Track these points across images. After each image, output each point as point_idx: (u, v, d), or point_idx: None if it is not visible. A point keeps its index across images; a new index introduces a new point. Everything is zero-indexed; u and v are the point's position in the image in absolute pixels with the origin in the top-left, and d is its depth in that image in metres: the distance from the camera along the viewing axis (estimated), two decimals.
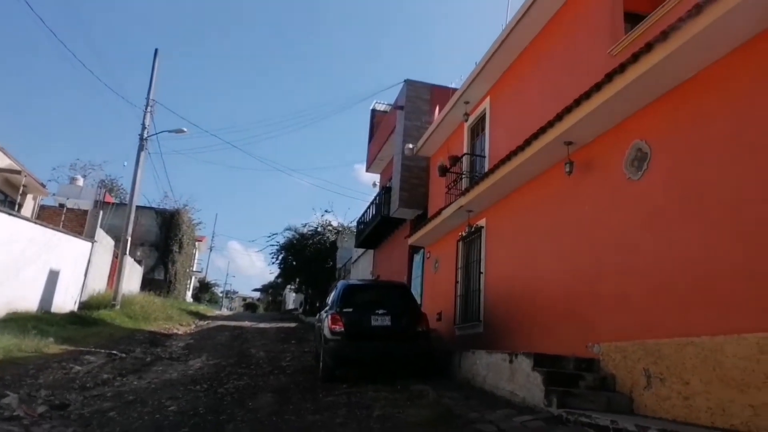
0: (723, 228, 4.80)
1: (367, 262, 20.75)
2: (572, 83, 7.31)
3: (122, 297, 18.13)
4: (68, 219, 19.68)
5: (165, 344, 12.86)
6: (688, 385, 4.93)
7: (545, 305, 7.62)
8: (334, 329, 8.01)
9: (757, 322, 4.30)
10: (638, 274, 5.80)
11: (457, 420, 5.47)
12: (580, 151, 7.07)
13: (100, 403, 5.84)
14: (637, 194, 6.00)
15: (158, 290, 27.67)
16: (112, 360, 9.22)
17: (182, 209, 35.22)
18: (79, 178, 39.19)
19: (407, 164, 14.95)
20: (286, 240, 31.05)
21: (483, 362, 7.48)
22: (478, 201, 9.71)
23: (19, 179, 16.34)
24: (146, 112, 19.26)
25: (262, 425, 5.17)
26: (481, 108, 11.20)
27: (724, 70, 4.99)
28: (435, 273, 12.85)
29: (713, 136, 5.08)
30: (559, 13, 8.38)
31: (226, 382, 7.79)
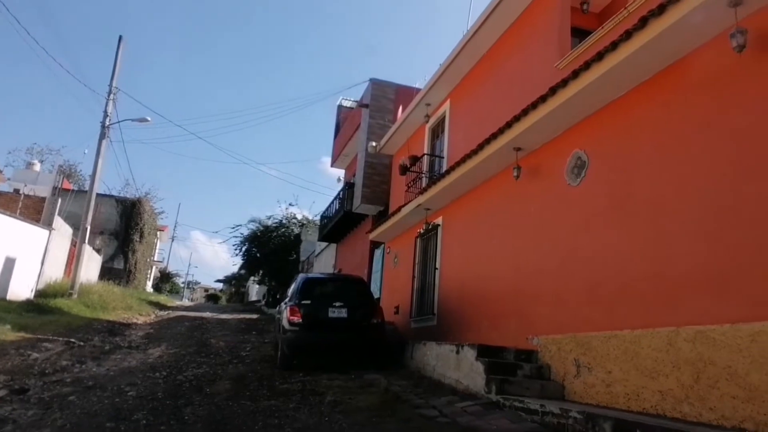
0: (644, 233, 5.33)
1: (330, 256, 21.04)
2: (523, 92, 7.78)
3: (80, 286, 17.94)
4: (25, 206, 19.33)
5: (124, 333, 12.89)
6: (610, 373, 5.47)
7: (493, 300, 8.11)
8: (292, 320, 8.33)
9: (666, 318, 4.84)
10: (574, 274, 6.31)
11: (403, 405, 5.88)
12: (527, 157, 7.56)
13: (59, 388, 6.01)
14: (576, 200, 6.51)
15: (117, 280, 27.30)
16: (70, 348, 9.29)
17: (144, 198, 34.73)
18: (36, 163, 38.12)
19: (370, 161, 15.32)
20: (250, 232, 31.04)
21: (433, 353, 7.92)
22: (436, 200, 10.14)
23: None
24: (109, 99, 19.00)
25: (218, 408, 5.46)
26: (442, 110, 11.64)
27: (650, 89, 5.51)
28: (394, 268, 13.26)
29: (639, 148, 5.61)
30: (514, 26, 8.85)
31: (185, 370, 8.01)
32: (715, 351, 4.34)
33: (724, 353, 4.25)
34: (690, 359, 4.55)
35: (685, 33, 4.81)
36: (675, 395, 4.65)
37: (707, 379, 4.37)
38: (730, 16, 4.39)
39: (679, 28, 4.75)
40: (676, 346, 4.71)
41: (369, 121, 15.59)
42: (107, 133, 18.87)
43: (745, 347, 4.10)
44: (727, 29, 4.44)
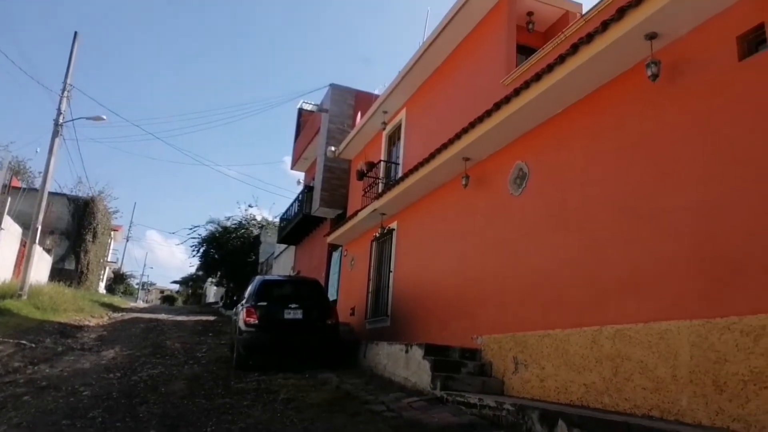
0: (575, 241, 5.83)
1: (289, 258, 21.16)
2: (473, 105, 8.23)
3: (30, 287, 17.50)
4: None
5: (76, 335, 12.73)
6: (543, 369, 5.94)
7: (442, 302, 8.53)
8: (248, 321, 8.54)
9: (593, 318, 5.33)
10: (515, 278, 6.78)
11: (353, 401, 6.20)
12: (475, 167, 8.01)
13: (12, 389, 6.06)
14: (517, 209, 6.98)
15: (68, 281, 26.55)
16: (21, 349, 9.21)
17: (97, 197, 33.85)
18: None
19: (329, 165, 15.59)
20: (208, 233, 30.74)
21: (384, 352, 8.28)
22: (391, 205, 10.52)
23: None
24: (62, 97, 18.63)
25: (173, 407, 5.65)
26: (398, 118, 12.04)
27: (583, 108, 6.02)
28: (351, 270, 13.57)
29: (572, 162, 6.11)
30: (466, 41, 9.32)
31: (140, 370, 8.10)
32: (630, 347, 4.84)
33: (638, 349, 4.76)
34: (610, 355, 5.05)
35: (610, 60, 5.32)
36: (597, 388, 5.14)
37: (623, 373, 4.87)
38: (648, 47, 4.91)
39: (604, 56, 5.26)
40: (599, 343, 5.20)
41: (328, 125, 15.86)
42: (61, 131, 18.49)
43: (654, 344, 4.60)
44: (645, 59, 4.97)
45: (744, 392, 3.82)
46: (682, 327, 4.37)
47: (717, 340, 4.08)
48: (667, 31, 4.80)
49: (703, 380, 4.12)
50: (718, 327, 4.09)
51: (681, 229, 4.56)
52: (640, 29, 4.84)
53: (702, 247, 4.35)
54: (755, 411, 3.72)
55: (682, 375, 4.31)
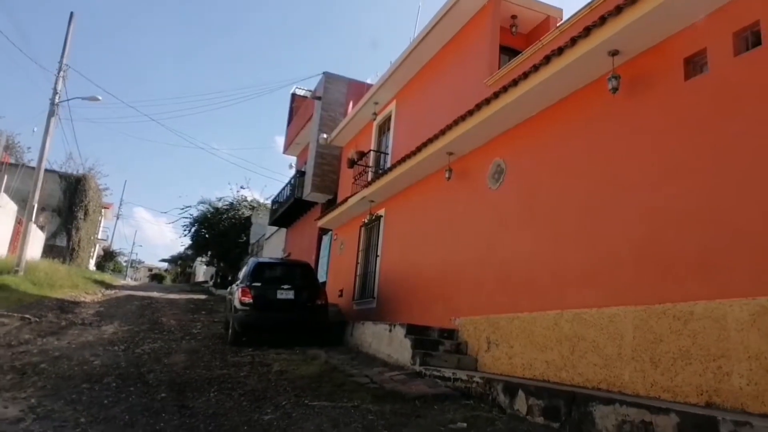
0: (543, 234, 6.46)
1: (280, 240, 21.72)
2: (458, 102, 8.79)
3: (26, 263, 17.94)
4: None
5: (75, 311, 13.26)
6: (512, 348, 6.60)
7: (424, 286, 9.17)
8: (243, 300, 9.14)
9: (555, 303, 5.98)
10: (490, 265, 7.41)
11: (340, 374, 6.84)
12: (458, 161, 8.59)
13: (29, 358, 6.62)
14: (494, 202, 7.59)
15: (60, 257, 26.95)
16: (27, 323, 9.74)
17: (89, 174, 34.05)
18: None
19: (321, 152, 16.10)
20: (200, 213, 31.15)
21: (369, 331, 8.92)
22: (379, 193, 11.09)
23: None
24: (58, 77, 18.87)
25: (177, 375, 6.25)
26: (388, 110, 12.56)
27: (554, 113, 6.61)
28: (340, 254, 14.18)
29: (543, 161, 6.71)
30: (453, 41, 9.84)
31: (141, 344, 8.68)
32: (585, 329, 5.50)
33: (592, 331, 5.42)
34: (568, 335, 5.71)
35: (578, 71, 5.90)
36: (557, 364, 5.81)
37: (579, 351, 5.53)
38: (611, 62, 5.49)
39: (573, 68, 5.84)
40: (560, 325, 5.86)
41: (321, 113, 16.32)
42: (57, 111, 18.77)
43: (605, 326, 5.26)
44: (608, 72, 5.55)
45: (673, 367, 4.49)
46: (628, 312, 5.03)
47: (655, 323, 4.74)
48: (627, 50, 5.38)
49: (643, 357, 4.79)
50: (656, 312, 4.74)
51: (629, 228, 5.20)
52: (603, 46, 5.41)
53: (645, 244, 5.00)
54: (681, 383, 4.40)
55: (626, 353, 4.97)
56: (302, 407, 5.02)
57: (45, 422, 3.93)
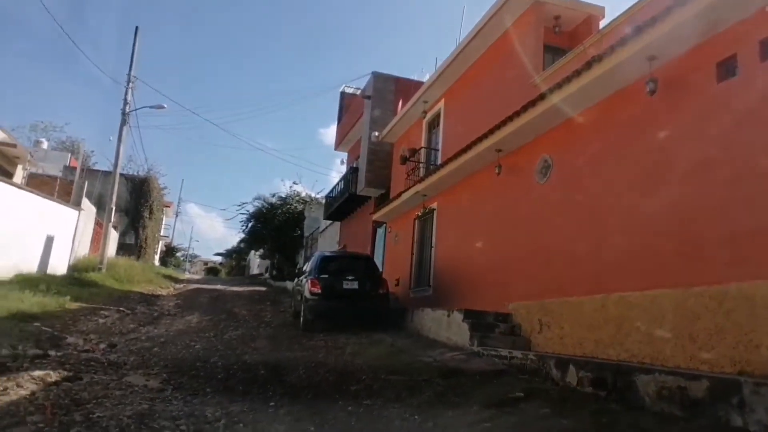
0: (587, 225, 7.04)
1: (334, 233, 22.76)
2: (504, 101, 9.36)
3: (107, 261, 19.68)
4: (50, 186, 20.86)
5: (157, 304, 14.66)
6: (563, 329, 7.24)
7: (477, 274, 9.86)
8: (313, 291, 10.10)
9: (601, 287, 6.58)
10: (539, 254, 8.03)
11: (407, 355, 7.66)
12: (507, 157, 9.20)
13: (140, 344, 7.75)
14: (543, 195, 8.19)
15: (130, 254, 29.01)
16: (124, 315, 11.03)
17: (152, 176, 36.19)
18: (43, 141, 39.31)
19: (373, 148, 16.91)
20: (255, 209, 32.67)
21: (429, 317, 9.70)
22: (432, 188, 11.81)
23: (13, 151, 17.50)
24: (128, 88, 20.40)
25: (267, 356, 7.23)
26: (437, 108, 13.21)
27: (596, 112, 7.14)
28: (395, 245, 14.99)
29: (589, 156, 7.27)
30: (498, 42, 10.39)
31: (226, 332, 9.77)
32: (630, 310, 6.09)
33: (636, 311, 6.00)
34: (614, 316, 6.31)
35: (618, 74, 6.42)
36: (604, 342, 6.42)
37: (625, 330, 6.13)
38: (648, 66, 6.01)
39: (613, 71, 6.37)
40: (606, 307, 6.46)
41: (371, 111, 17.11)
42: (127, 120, 20.34)
43: (648, 307, 5.84)
44: (645, 76, 6.07)
45: (710, 342, 5.06)
46: (668, 294, 5.60)
47: (693, 303, 5.30)
48: (664, 54, 5.89)
49: (682, 334, 5.36)
50: (693, 293, 5.30)
51: (666, 217, 5.75)
52: (641, 52, 5.93)
53: (682, 231, 5.54)
54: (717, 356, 4.96)
55: (667, 330, 5.55)
56: (380, 381, 5.85)
57: (181, 391, 4.90)
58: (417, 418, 4.38)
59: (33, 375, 4.92)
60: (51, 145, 38.72)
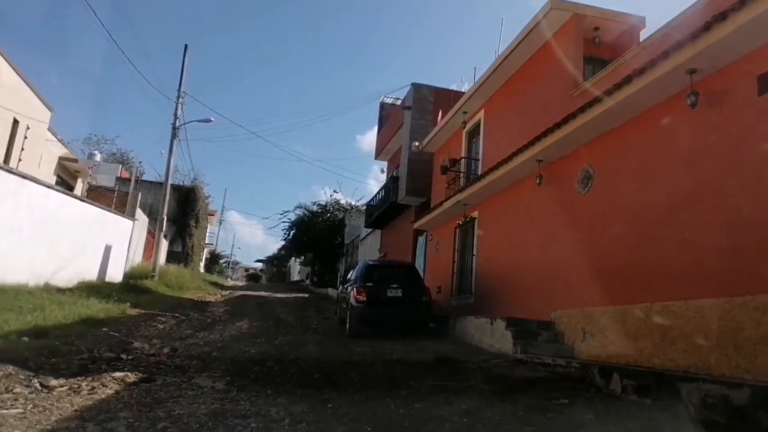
0: (628, 234, 7.15)
1: (375, 240, 23.15)
2: (544, 112, 9.55)
3: (159, 269, 20.61)
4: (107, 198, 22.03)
5: (208, 310, 15.30)
6: (606, 338, 7.36)
7: (519, 283, 10.02)
8: (358, 298, 10.47)
9: (643, 296, 6.69)
10: (581, 263, 8.16)
11: (451, 361, 7.89)
12: (547, 167, 9.36)
13: (199, 348, 8.24)
14: (584, 205, 8.33)
15: (178, 262, 30.16)
16: (180, 321, 11.64)
17: (198, 185, 37.49)
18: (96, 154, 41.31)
19: (413, 158, 17.23)
20: (297, 217, 33.46)
21: (472, 324, 9.92)
22: (472, 197, 12.03)
23: (74, 166, 18.62)
24: (177, 103, 21.39)
25: (318, 361, 7.59)
26: (477, 118, 13.44)
27: (636, 124, 7.27)
28: (436, 253, 15.24)
29: (631, 167, 7.39)
30: (537, 54, 10.57)
31: (276, 337, 10.20)
32: (674, 319, 6.19)
33: (680, 321, 6.10)
34: (658, 325, 6.41)
35: (659, 87, 6.55)
36: (648, 351, 6.53)
37: (669, 339, 6.23)
38: (689, 79, 6.13)
39: (653, 85, 6.50)
40: (650, 316, 6.56)
41: (411, 122, 17.46)
42: (177, 134, 21.31)
43: (692, 317, 5.94)
44: (686, 88, 6.18)
45: (754, 351, 5.14)
46: (713, 304, 5.69)
47: (737, 313, 5.38)
48: (705, 68, 6.00)
49: (727, 343, 5.45)
50: (737, 303, 5.39)
51: (710, 228, 5.85)
52: (681, 66, 6.06)
53: (726, 242, 5.63)
54: (761, 365, 5.04)
55: (712, 340, 5.64)
56: (427, 386, 6.12)
57: (245, 392, 5.29)
58: (466, 420, 4.63)
59: (114, 376, 5.42)
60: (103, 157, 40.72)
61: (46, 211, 12.22)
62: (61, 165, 18.77)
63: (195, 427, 3.97)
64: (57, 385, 4.95)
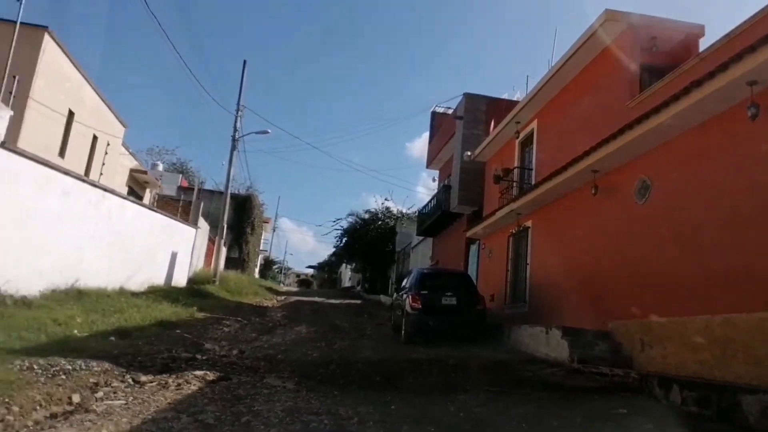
0: (688, 245, 7.13)
1: (427, 248, 23.38)
2: (599, 122, 9.58)
3: (219, 274, 21.58)
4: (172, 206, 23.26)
5: (267, 315, 15.93)
6: (665, 349, 7.32)
7: (574, 292, 10.03)
8: (414, 306, 10.74)
9: (704, 308, 6.66)
10: (638, 273, 8.16)
11: (507, 369, 8.05)
12: (603, 178, 9.38)
13: (264, 351, 8.73)
14: (641, 215, 8.32)
15: (235, 268, 31.33)
16: (243, 325, 12.25)
17: (253, 193, 38.84)
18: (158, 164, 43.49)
19: (465, 167, 17.41)
20: (349, 224, 34.13)
21: (526, 333, 10.00)
22: (526, 207, 12.11)
23: (143, 177, 19.82)
24: (237, 116, 22.40)
25: (376, 365, 7.91)
26: (530, 128, 13.51)
27: (695, 135, 7.24)
28: (489, 261, 15.34)
29: (689, 177, 7.36)
30: (591, 65, 10.60)
31: (335, 342, 10.60)
32: (736, 332, 6.14)
33: (741, 333, 6.05)
34: (719, 338, 6.36)
35: (718, 99, 6.54)
36: (709, 363, 6.48)
37: (730, 352, 6.18)
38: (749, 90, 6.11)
39: (712, 96, 6.50)
40: (711, 328, 6.52)
41: (463, 131, 17.65)
42: (237, 146, 22.30)
43: (754, 329, 5.89)
44: (745, 100, 6.16)
45: None
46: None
47: None
48: (765, 79, 5.97)
49: None
50: None
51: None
52: (741, 78, 6.05)
53: None
54: None
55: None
56: (484, 392, 6.32)
57: (314, 392, 5.67)
58: (525, 426, 4.83)
59: (195, 374, 5.91)
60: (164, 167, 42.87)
61: (122, 220, 13.14)
62: (132, 176, 20.01)
63: (275, 422, 4.35)
64: (147, 380, 5.48)
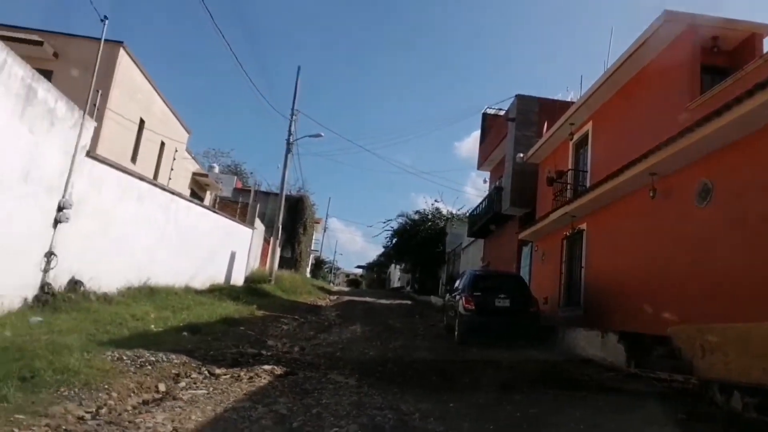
0: (757, 249, 6.98)
1: (478, 250, 23.36)
2: (658, 124, 9.45)
3: (275, 274, 22.32)
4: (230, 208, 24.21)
5: (322, 314, 16.41)
6: (727, 355, 7.19)
7: (631, 296, 9.91)
8: (467, 307, 10.90)
9: (763, 314, 6.53)
10: (699, 277, 8.02)
11: (562, 372, 8.11)
12: (661, 181, 9.24)
13: (323, 348, 9.11)
14: (702, 219, 8.17)
15: (288, 267, 32.22)
16: (301, 323, 12.72)
17: (305, 194, 39.79)
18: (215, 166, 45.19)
19: (517, 169, 17.34)
20: (399, 225, 34.43)
21: (581, 336, 9.98)
22: (581, 209, 12.02)
23: (204, 180, 20.77)
24: (291, 121, 23.10)
25: (431, 365, 8.15)
26: (584, 130, 13.37)
27: (760, 137, 7.08)
28: (542, 264, 15.25)
29: (754, 180, 7.20)
30: (650, 65, 10.43)
31: (389, 342, 10.88)
32: None
33: None
34: None
35: None
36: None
37: None
38: None
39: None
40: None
41: (515, 133, 17.59)
42: (291, 149, 22.99)
43: None
44: None
45: None
46: None
47: None
48: None
49: None
50: None
51: None
52: None
53: None
54: None
55: None
56: (540, 393, 6.45)
57: (375, 389, 5.95)
58: (582, 427, 4.94)
59: (264, 369, 6.32)
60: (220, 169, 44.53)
61: (187, 222, 13.90)
62: (194, 179, 20.99)
63: (343, 414, 4.66)
64: (221, 373, 5.92)
